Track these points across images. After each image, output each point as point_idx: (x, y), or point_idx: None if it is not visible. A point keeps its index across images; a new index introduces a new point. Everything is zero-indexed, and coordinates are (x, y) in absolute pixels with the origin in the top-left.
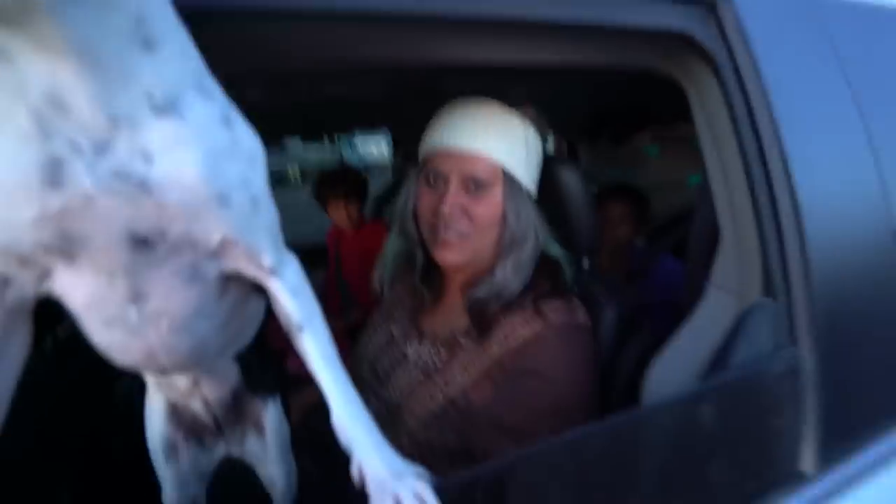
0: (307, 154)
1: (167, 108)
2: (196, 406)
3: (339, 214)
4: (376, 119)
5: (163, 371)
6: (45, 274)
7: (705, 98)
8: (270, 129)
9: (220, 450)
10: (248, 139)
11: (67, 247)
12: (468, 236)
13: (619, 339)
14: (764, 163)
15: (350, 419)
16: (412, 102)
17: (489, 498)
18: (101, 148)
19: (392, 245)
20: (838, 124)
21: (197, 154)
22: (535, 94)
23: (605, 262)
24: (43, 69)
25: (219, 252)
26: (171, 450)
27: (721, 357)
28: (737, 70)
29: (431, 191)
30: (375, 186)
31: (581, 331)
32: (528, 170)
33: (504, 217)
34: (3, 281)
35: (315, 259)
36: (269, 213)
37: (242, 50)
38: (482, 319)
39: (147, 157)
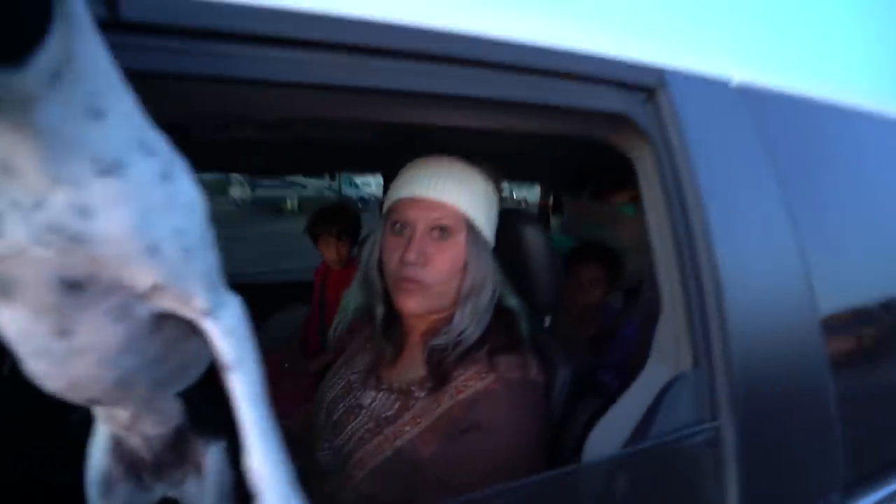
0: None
1: (110, 169)
2: (135, 441)
3: (330, 252)
4: (369, 162)
5: (92, 402)
6: None
7: (644, 170)
8: (272, 165)
9: (157, 490)
10: (185, 192)
11: (2, 287)
12: (431, 284)
13: (572, 399)
14: (690, 237)
15: (263, 465)
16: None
17: None
18: (39, 204)
19: (352, 297)
20: (763, 208)
21: (131, 210)
22: (523, 147)
23: (575, 322)
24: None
25: (149, 295)
26: (107, 484)
27: (642, 426)
28: (669, 149)
29: (397, 238)
30: (372, 222)
31: (532, 387)
32: (489, 221)
33: (465, 265)
34: None
35: (303, 293)
36: (204, 259)
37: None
38: (439, 370)
39: (84, 213)
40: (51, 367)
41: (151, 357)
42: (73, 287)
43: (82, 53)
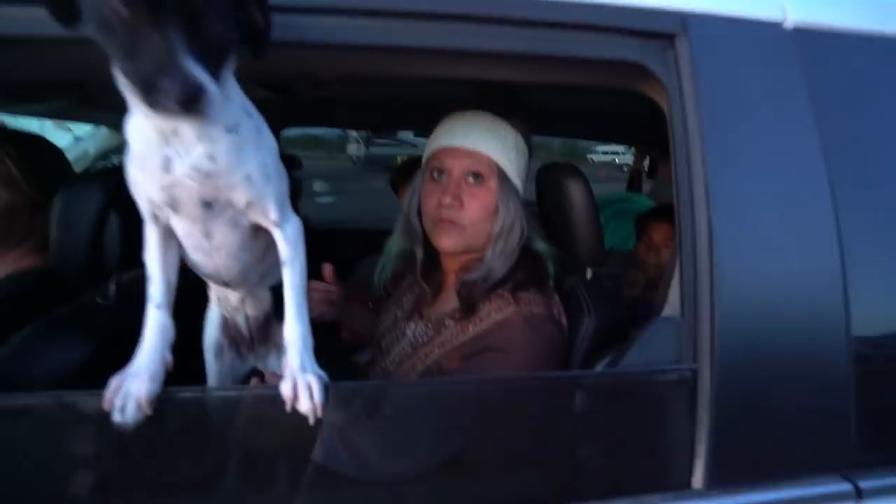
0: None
1: (232, 128)
2: (240, 320)
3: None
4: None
5: (225, 284)
6: (168, 215)
7: (667, 117)
8: (380, 122)
9: (249, 362)
10: (268, 138)
11: (172, 203)
12: (465, 225)
13: (595, 348)
14: (690, 188)
15: (292, 329)
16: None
17: (365, 406)
18: (188, 152)
19: (394, 244)
20: (792, 162)
21: (239, 154)
22: (630, 109)
23: (646, 285)
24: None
25: (245, 210)
26: (218, 351)
27: (619, 357)
28: (681, 100)
29: (435, 184)
30: None
31: (549, 322)
32: (518, 169)
33: (496, 209)
34: (156, 215)
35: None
36: (277, 185)
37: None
38: (468, 301)
39: (212, 158)
40: (203, 257)
41: (257, 255)
42: (207, 205)
43: None
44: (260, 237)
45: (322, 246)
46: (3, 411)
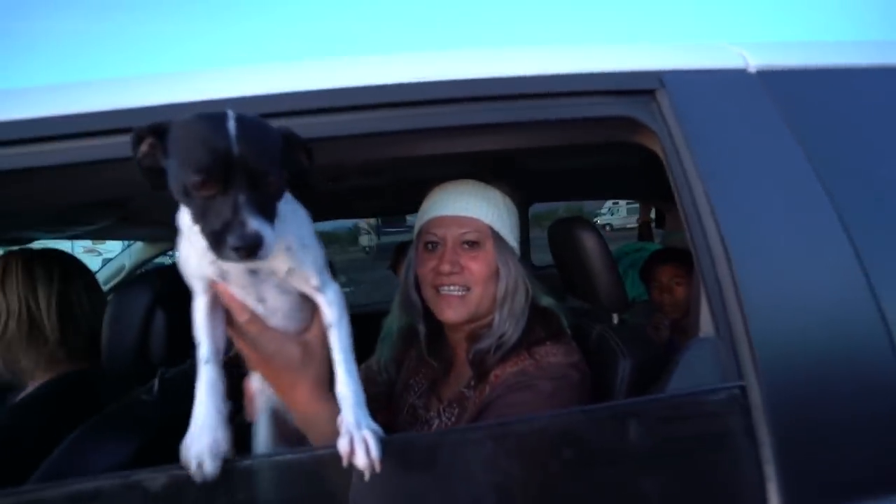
0: None
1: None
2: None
3: None
4: None
5: None
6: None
7: (664, 163)
8: (386, 207)
9: None
10: (303, 216)
11: (222, 275)
12: (467, 292)
13: (637, 388)
14: (698, 217)
15: (345, 386)
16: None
17: (421, 458)
18: None
19: (393, 322)
20: (786, 183)
21: (279, 230)
22: (628, 164)
23: (677, 325)
24: None
25: (287, 276)
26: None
27: (660, 384)
28: (672, 141)
29: (430, 255)
30: None
31: (569, 367)
32: (511, 228)
33: (497, 271)
34: (207, 286)
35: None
36: (315, 254)
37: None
38: (482, 369)
39: None
40: (266, 317)
41: (311, 317)
42: (252, 272)
43: None
44: (310, 301)
45: None
46: (78, 495)
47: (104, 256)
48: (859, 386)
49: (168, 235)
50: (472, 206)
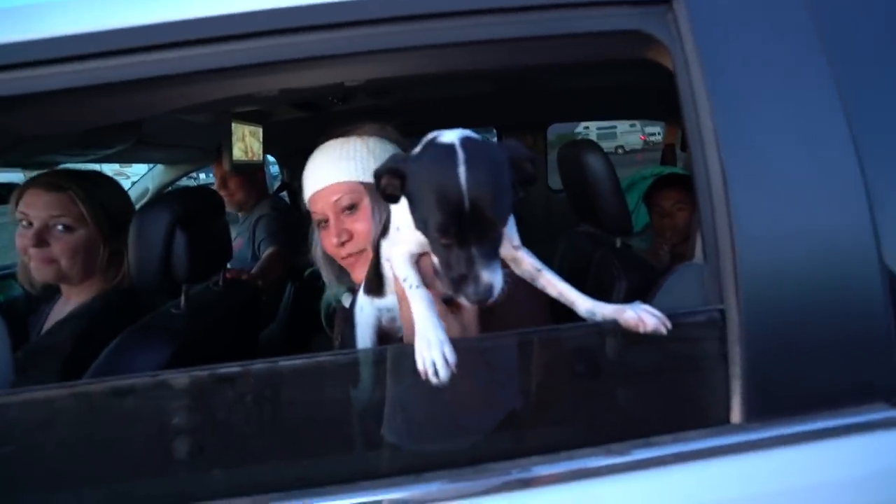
0: None
1: None
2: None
3: None
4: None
5: None
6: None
7: (674, 76)
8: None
9: None
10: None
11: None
12: (362, 252)
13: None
14: (701, 142)
15: (579, 296)
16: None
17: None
18: None
19: (331, 290)
20: (798, 108)
21: None
22: (649, 83)
23: (668, 256)
24: None
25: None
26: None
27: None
28: (684, 57)
29: (325, 231)
30: None
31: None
32: None
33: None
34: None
35: None
36: (511, 221)
37: None
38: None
39: None
40: None
41: None
42: None
43: None
44: None
45: None
46: (117, 390)
47: (132, 180)
48: (839, 310)
49: (186, 158)
50: (334, 170)
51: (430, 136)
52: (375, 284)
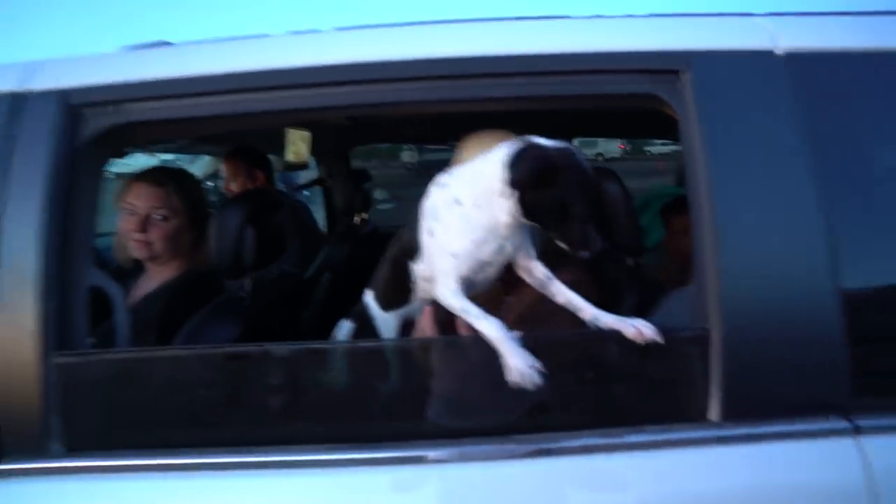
0: None
1: None
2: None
3: None
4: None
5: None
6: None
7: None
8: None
9: None
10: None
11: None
12: None
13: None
14: (696, 184)
15: (589, 307)
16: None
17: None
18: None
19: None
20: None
21: None
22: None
23: (676, 273)
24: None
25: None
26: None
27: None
28: (686, 118)
29: None
30: None
31: None
32: None
33: None
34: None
35: None
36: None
37: None
38: None
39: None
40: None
41: None
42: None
43: None
44: None
45: (384, 248)
46: (227, 355)
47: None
48: (802, 331)
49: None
50: None
51: (532, 139)
52: (400, 299)
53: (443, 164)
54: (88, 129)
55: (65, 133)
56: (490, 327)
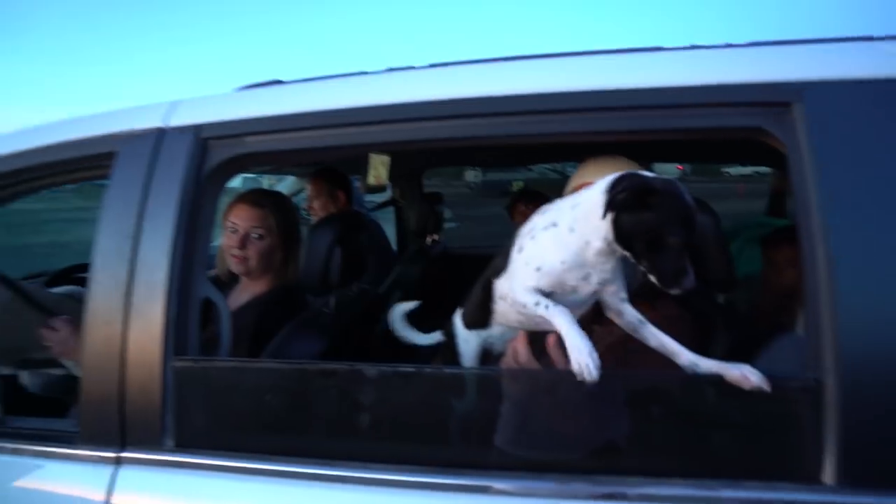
0: None
1: None
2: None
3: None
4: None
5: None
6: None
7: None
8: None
9: None
10: None
11: (575, 289)
12: None
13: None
14: (809, 228)
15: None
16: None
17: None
18: (597, 270)
19: None
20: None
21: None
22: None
23: (771, 307)
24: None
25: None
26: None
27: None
28: (797, 154)
29: None
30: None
31: None
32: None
33: None
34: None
35: None
36: (620, 278)
37: None
38: None
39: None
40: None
41: None
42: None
43: None
44: None
45: (455, 268)
46: (323, 371)
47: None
48: None
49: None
50: None
51: (630, 172)
52: (481, 318)
53: (505, 185)
54: (214, 159)
55: (196, 162)
56: (557, 314)
